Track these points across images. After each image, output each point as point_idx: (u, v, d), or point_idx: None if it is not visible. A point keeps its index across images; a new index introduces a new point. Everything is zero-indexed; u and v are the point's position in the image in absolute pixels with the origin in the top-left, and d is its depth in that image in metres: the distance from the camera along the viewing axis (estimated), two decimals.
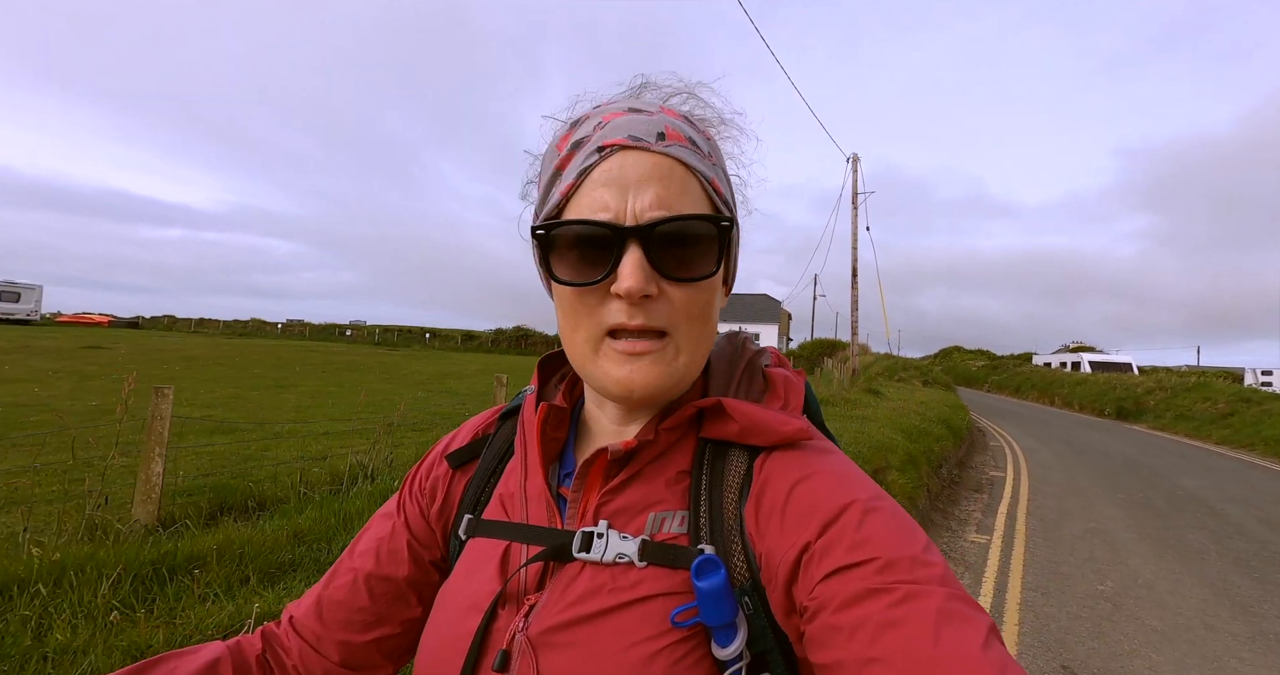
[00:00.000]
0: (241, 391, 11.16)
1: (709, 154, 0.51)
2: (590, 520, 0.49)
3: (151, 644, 1.62)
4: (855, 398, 11.46)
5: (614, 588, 0.45)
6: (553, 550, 0.48)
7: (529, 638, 0.45)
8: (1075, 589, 4.20)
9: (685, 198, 0.48)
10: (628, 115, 0.50)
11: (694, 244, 0.47)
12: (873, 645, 0.36)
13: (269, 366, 17.01)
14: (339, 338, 44.38)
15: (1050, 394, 24.83)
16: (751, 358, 0.57)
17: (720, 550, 0.46)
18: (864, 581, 0.38)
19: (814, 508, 0.43)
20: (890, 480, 5.46)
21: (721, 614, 0.42)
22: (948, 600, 0.37)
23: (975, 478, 8.13)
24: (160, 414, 3.16)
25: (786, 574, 0.42)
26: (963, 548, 5.05)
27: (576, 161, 0.49)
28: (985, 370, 36.29)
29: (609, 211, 0.46)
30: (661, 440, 0.51)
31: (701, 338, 0.50)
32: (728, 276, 0.55)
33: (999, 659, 0.34)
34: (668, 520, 0.48)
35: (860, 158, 19.65)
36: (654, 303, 0.47)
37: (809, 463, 0.47)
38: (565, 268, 0.48)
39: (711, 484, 0.49)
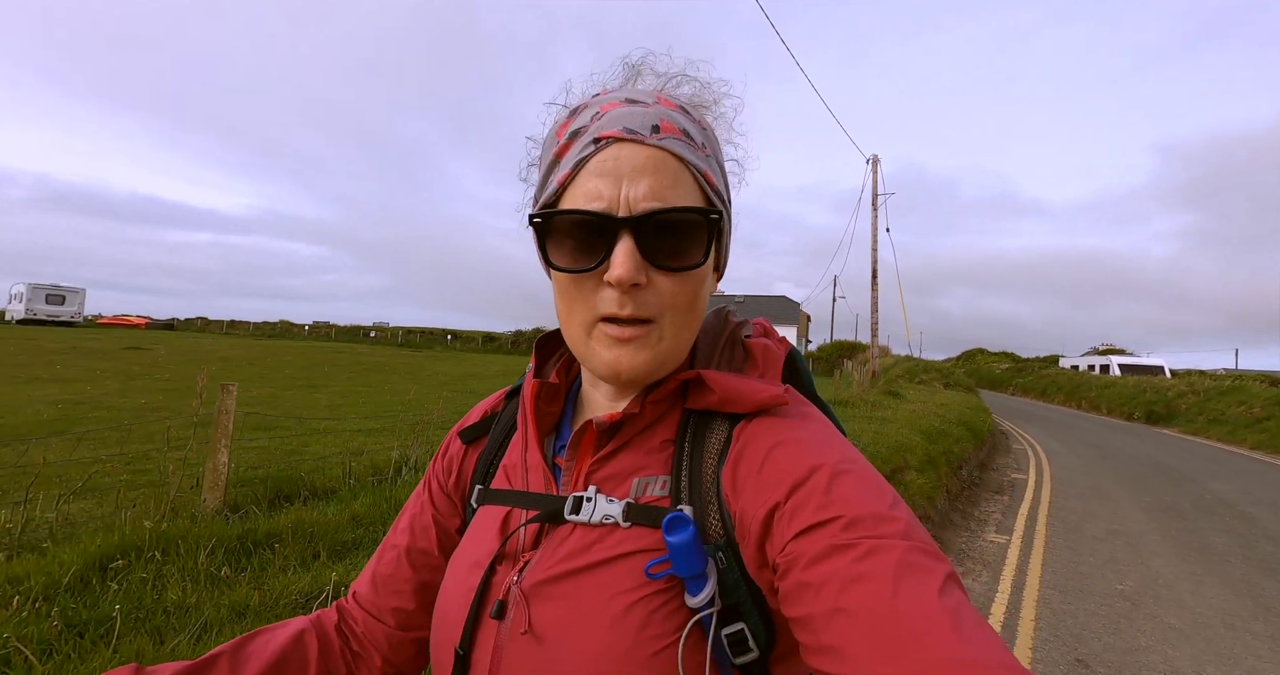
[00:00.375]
0: (277, 391, 11.61)
1: (703, 145, 0.53)
2: (582, 486, 0.53)
3: (249, 603, 1.87)
4: (875, 400, 11.47)
5: (600, 545, 0.49)
6: (546, 514, 0.52)
7: (522, 590, 0.50)
8: (1094, 588, 4.25)
9: (677, 190, 0.49)
10: (624, 106, 0.51)
11: (684, 235, 0.49)
12: (839, 598, 0.38)
13: (300, 367, 17.57)
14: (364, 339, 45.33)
15: (1077, 397, 24.32)
16: (733, 330, 0.60)
17: (697, 510, 0.49)
18: (831, 538, 0.40)
19: (786, 471, 0.46)
20: (908, 480, 5.55)
21: (691, 566, 0.45)
22: (908, 552, 0.39)
23: (996, 479, 8.12)
24: (226, 409, 3.44)
25: (758, 532, 0.45)
26: (981, 547, 5.12)
27: (574, 151, 0.51)
28: (1010, 373, 35.62)
29: (603, 201, 0.48)
30: (647, 412, 0.54)
31: (687, 323, 0.52)
32: (719, 264, 0.58)
33: (954, 604, 0.36)
34: (651, 484, 0.52)
35: (880, 158, 19.57)
36: (643, 291, 0.49)
37: (785, 428, 0.50)
38: (561, 254, 0.50)
39: (693, 450, 0.52)
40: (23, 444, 5.22)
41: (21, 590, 1.90)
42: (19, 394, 9.29)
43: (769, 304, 50.66)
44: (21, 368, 13.01)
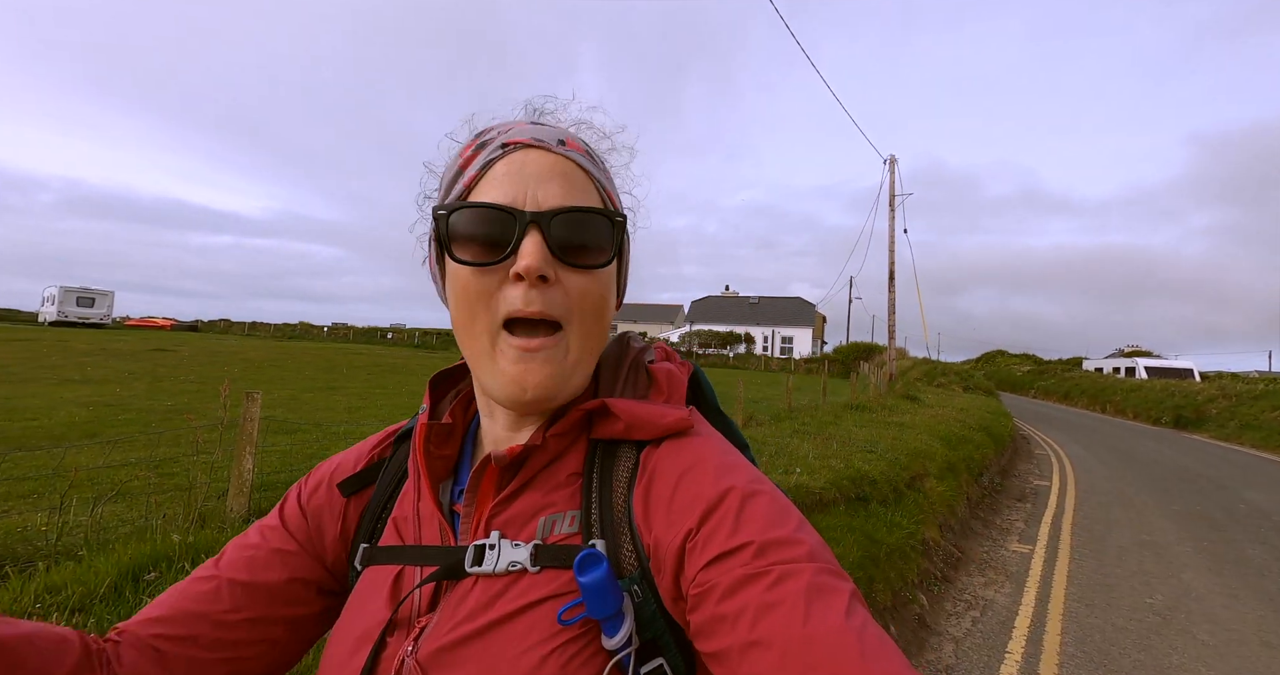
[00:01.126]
0: (297, 393, 11.81)
1: (603, 169, 0.54)
2: (483, 533, 0.49)
3: None
4: (892, 404, 11.32)
5: (505, 597, 0.45)
6: (445, 569, 0.48)
7: (418, 661, 0.45)
8: (1122, 601, 4.15)
9: (585, 196, 0.50)
10: (530, 125, 0.53)
11: (591, 236, 0.49)
12: (753, 629, 0.37)
13: (319, 369, 17.87)
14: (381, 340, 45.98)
15: (1101, 401, 23.79)
16: (635, 356, 0.59)
17: (610, 543, 0.47)
18: (744, 567, 0.40)
19: (697, 496, 0.44)
20: (928, 488, 5.47)
21: (605, 606, 0.43)
22: (816, 575, 0.39)
23: (1018, 486, 7.97)
24: (250, 416, 3.50)
25: (673, 562, 0.43)
26: (1004, 557, 5.03)
27: (480, 158, 0.50)
28: (1031, 375, 34.96)
29: (509, 200, 0.48)
30: (550, 446, 0.51)
31: (593, 334, 0.51)
32: (620, 286, 0.56)
33: (859, 625, 0.36)
34: (558, 522, 0.49)
35: (899, 158, 19.36)
36: (551, 289, 0.48)
37: (690, 451, 0.49)
38: (465, 252, 0.48)
39: (602, 481, 0.49)
40: (58, 448, 5.39)
41: (59, 600, 1.97)
42: (53, 395, 9.58)
43: (784, 305, 50.27)
44: (54, 369, 13.42)
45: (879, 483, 4.92)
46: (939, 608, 3.91)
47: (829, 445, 6.17)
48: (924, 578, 4.16)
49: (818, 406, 10.25)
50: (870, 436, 6.97)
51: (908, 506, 4.81)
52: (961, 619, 3.80)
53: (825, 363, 35.42)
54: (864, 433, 7.29)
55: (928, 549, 4.49)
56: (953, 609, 3.93)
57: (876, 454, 5.82)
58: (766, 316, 48.62)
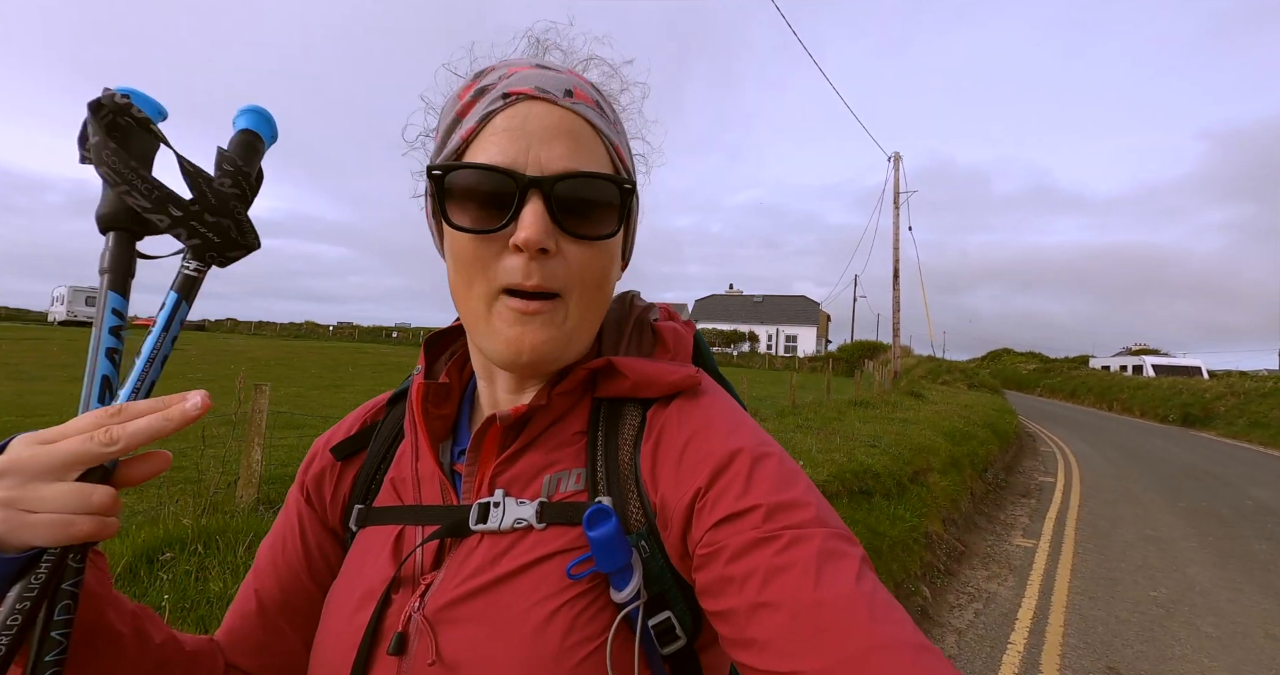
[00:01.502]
0: (303, 390, 11.90)
1: (614, 121, 0.51)
2: (486, 492, 0.48)
3: None
4: (896, 400, 11.31)
5: (512, 553, 0.45)
6: (448, 527, 0.47)
7: (425, 616, 0.44)
8: (1126, 594, 4.15)
9: (591, 157, 0.47)
10: (535, 69, 0.48)
11: (597, 204, 0.46)
12: (762, 591, 0.37)
13: (325, 367, 17.98)
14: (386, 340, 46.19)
15: (1108, 399, 23.65)
16: (640, 314, 0.57)
17: (616, 500, 0.46)
18: (753, 530, 0.40)
19: (706, 455, 0.44)
20: (931, 482, 5.47)
21: (615, 560, 0.43)
22: (826, 540, 0.39)
23: (1023, 483, 7.95)
24: (259, 408, 3.55)
25: (681, 520, 0.43)
26: (1007, 551, 5.03)
27: (479, 108, 0.47)
28: (1037, 374, 34.78)
29: (509, 159, 0.44)
30: (555, 405, 0.50)
31: (594, 303, 0.49)
32: (625, 250, 0.54)
33: (869, 589, 0.37)
34: (564, 479, 0.48)
35: (903, 155, 19.31)
36: (551, 260, 0.45)
37: (700, 410, 0.48)
38: (462, 215, 0.45)
39: (607, 439, 0.49)
40: None
41: None
42: (62, 393, 9.69)
43: (788, 304, 50.20)
44: (65, 368, 13.56)
45: (882, 476, 4.93)
46: (941, 600, 3.92)
47: (832, 440, 6.18)
48: (927, 570, 4.17)
49: (821, 403, 10.26)
50: (874, 432, 6.98)
51: (911, 500, 4.81)
52: (964, 611, 3.81)
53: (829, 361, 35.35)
54: (867, 428, 7.30)
55: (930, 542, 4.50)
56: (955, 601, 3.94)
57: (880, 449, 5.83)
58: (771, 315, 48.57)
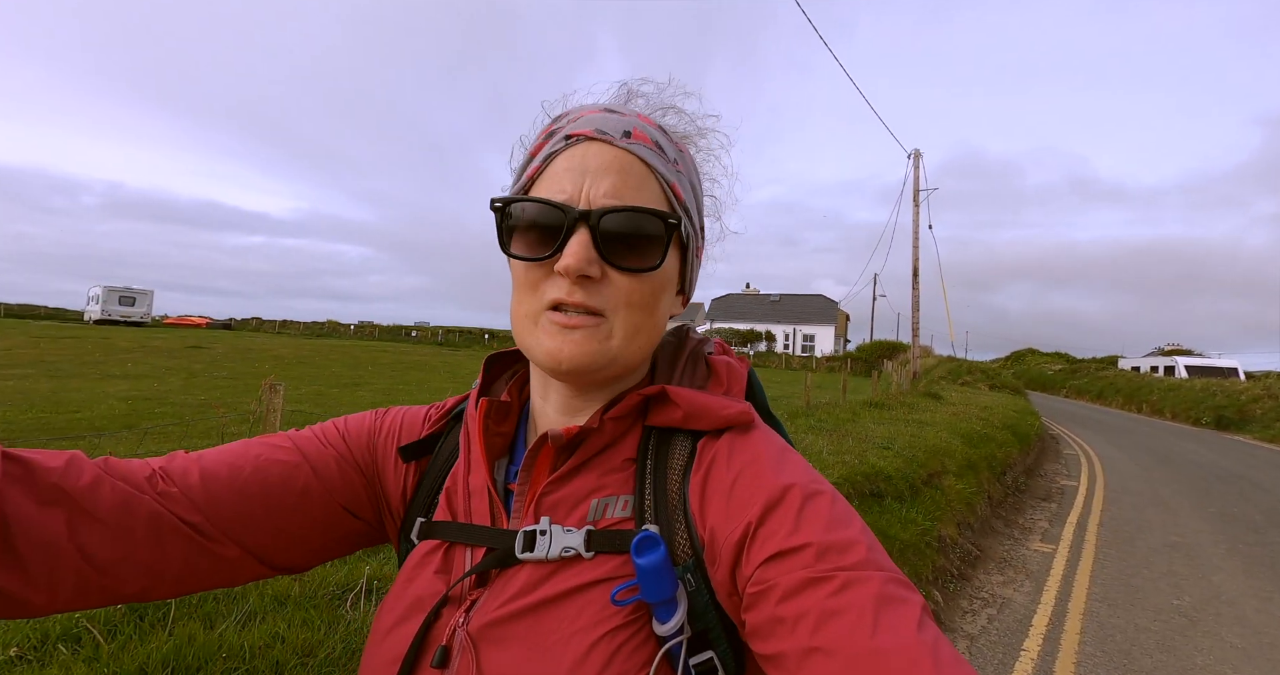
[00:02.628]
0: (324, 389, 12.14)
1: (674, 160, 0.53)
2: (533, 512, 0.49)
3: (290, 593, 1.99)
4: (913, 402, 11.12)
5: (557, 577, 0.45)
6: (495, 558, 0.48)
7: (469, 633, 0.45)
8: (1147, 602, 4.03)
9: (641, 193, 0.49)
10: (601, 113, 0.52)
11: (641, 236, 0.48)
12: (815, 636, 0.36)
13: (345, 365, 18.33)
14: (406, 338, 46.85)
15: (1137, 400, 22.95)
16: (694, 347, 0.59)
17: (664, 530, 0.46)
18: (805, 570, 0.39)
19: (757, 490, 0.44)
20: (946, 485, 5.37)
21: (661, 590, 0.42)
22: (884, 584, 0.38)
23: (1044, 486, 7.77)
24: (273, 407, 3.63)
25: (730, 555, 0.43)
26: (1025, 556, 4.92)
27: (546, 148, 0.51)
28: (1063, 374, 33.90)
29: (565, 195, 0.48)
30: (607, 429, 0.51)
31: (641, 327, 0.50)
32: (683, 285, 0.56)
33: (932, 640, 0.35)
34: (610, 506, 0.49)
35: (928, 148, 18.99)
36: (596, 285, 0.48)
37: (751, 445, 0.48)
38: (520, 244, 0.49)
39: (656, 468, 0.49)
40: (97, 437, 5.66)
41: None
42: (95, 389, 10.04)
43: (806, 303, 49.71)
44: (97, 365, 14.04)
45: (894, 479, 4.86)
46: (954, 605, 3.86)
47: (844, 442, 6.10)
48: (939, 575, 4.10)
49: (837, 404, 10.13)
50: (888, 434, 6.87)
51: (924, 503, 4.73)
52: (977, 616, 3.73)
53: (847, 361, 34.91)
54: (882, 430, 7.19)
55: (944, 546, 4.42)
56: (969, 607, 3.87)
57: (893, 451, 5.74)
58: (788, 314, 48.14)
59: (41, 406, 8.04)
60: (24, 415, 7.34)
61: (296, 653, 1.71)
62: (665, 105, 0.56)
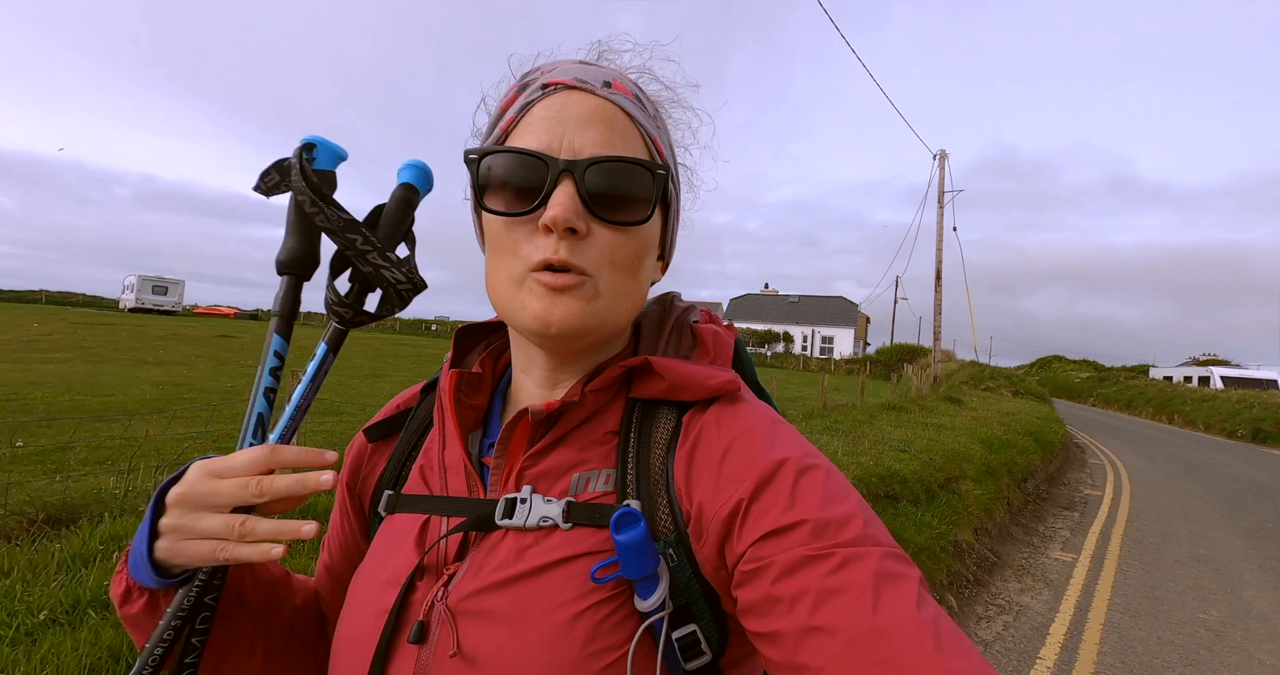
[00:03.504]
0: (344, 379, 12.38)
1: (654, 116, 0.51)
2: (513, 486, 0.48)
3: (309, 570, 2.05)
4: (932, 405, 10.94)
5: (536, 550, 0.44)
6: (474, 520, 0.47)
7: (448, 606, 0.44)
8: (1171, 615, 3.91)
9: (626, 145, 0.47)
10: (577, 64, 0.50)
11: (629, 188, 0.46)
12: (814, 614, 0.35)
13: (366, 357, 18.65)
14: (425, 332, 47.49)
15: (1169, 411, 22.23)
16: (679, 315, 0.56)
17: (645, 505, 0.45)
18: (801, 547, 0.38)
19: (748, 465, 0.43)
20: (964, 490, 5.28)
21: (642, 567, 0.41)
22: (882, 560, 0.37)
23: (1067, 495, 7.58)
24: None
25: (719, 531, 0.42)
26: (1044, 564, 4.81)
27: (520, 99, 0.48)
28: (1090, 383, 32.99)
29: (545, 146, 0.45)
30: (588, 402, 0.49)
31: (626, 289, 0.48)
32: (664, 249, 0.54)
33: (933, 616, 0.35)
34: (593, 480, 0.47)
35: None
36: (581, 242, 0.45)
37: (741, 417, 0.47)
38: (496, 199, 0.46)
39: (639, 441, 0.48)
40: (129, 419, 5.86)
41: (120, 545, 2.17)
42: (128, 375, 10.39)
43: (825, 304, 49.13)
44: (131, 351, 14.52)
45: (910, 482, 4.79)
46: (968, 610, 3.79)
47: (860, 443, 6.04)
48: (954, 580, 4.03)
49: (854, 406, 10.02)
50: (905, 436, 6.78)
51: (940, 507, 4.66)
52: (992, 623, 3.67)
53: (866, 364, 34.43)
54: (899, 433, 7.10)
55: (960, 551, 4.35)
56: (984, 613, 3.80)
57: (910, 454, 5.66)
58: (807, 315, 47.65)
59: (78, 389, 8.34)
60: (62, 397, 7.64)
61: None
62: (638, 67, 0.54)
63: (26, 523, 2.42)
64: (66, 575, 1.98)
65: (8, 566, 1.98)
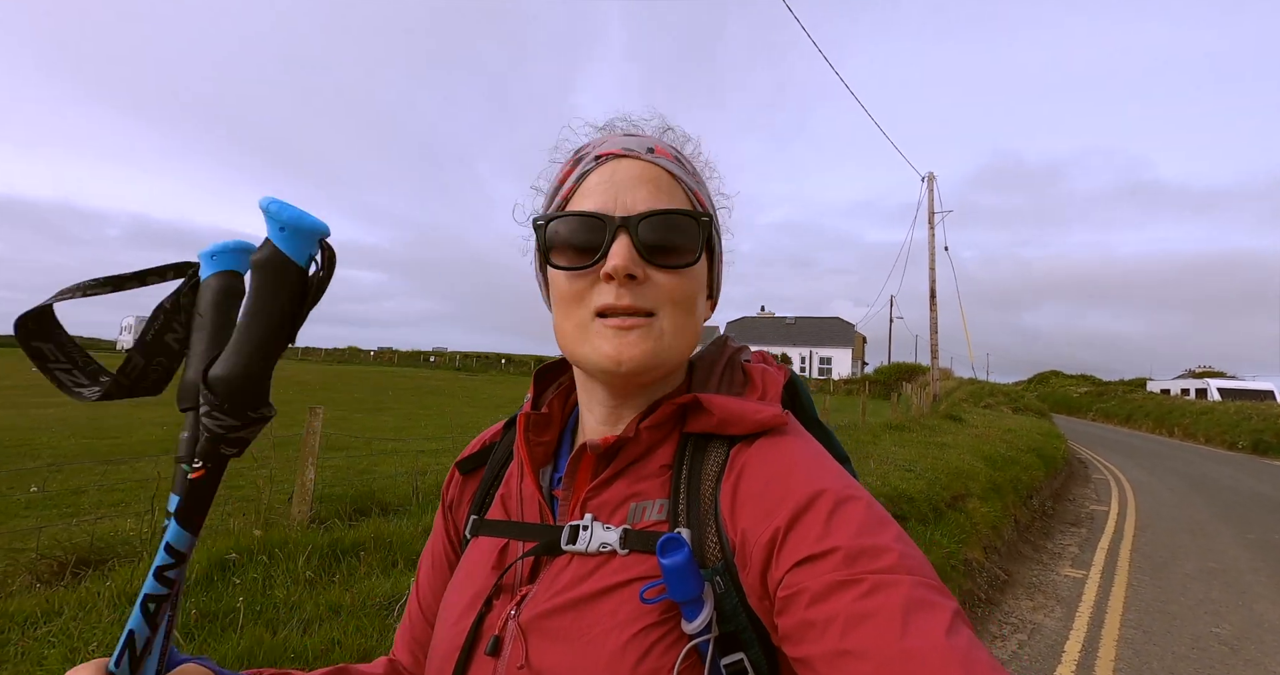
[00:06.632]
0: (347, 413, 12.36)
1: (693, 173, 0.58)
2: (578, 515, 0.52)
3: (343, 603, 2.11)
4: (934, 424, 10.99)
5: (597, 575, 0.48)
6: (544, 545, 0.51)
7: (520, 624, 0.48)
8: (1184, 629, 3.93)
9: (672, 199, 0.53)
10: (622, 136, 0.57)
11: (677, 236, 0.51)
12: (844, 638, 0.36)
13: (367, 391, 18.62)
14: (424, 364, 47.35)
15: (1168, 424, 22.26)
16: (731, 355, 0.61)
17: (695, 533, 0.48)
18: (834, 573, 0.39)
19: (786, 495, 0.45)
20: (970, 509, 5.32)
21: (686, 590, 0.43)
22: (914, 588, 0.37)
23: (1073, 511, 7.59)
24: (313, 430, 3.80)
25: (760, 558, 0.44)
26: (1055, 581, 4.82)
27: (576, 171, 0.55)
28: (1089, 397, 33.05)
29: (601, 207, 0.51)
30: (644, 438, 0.53)
31: (685, 326, 0.53)
32: (712, 289, 0.59)
33: (964, 644, 0.35)
34: (648, 509, 0.51)
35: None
36: (641, 286, 0.50)
37: (783, 451, 0.49)
38: (562, 258, 0.52)
39: (691, 473, 0.51)
40: (137, 461, 5.88)
41: None
42: (131, 416, 10.37)
43: (822, 325, 49.44)
44: None
45: (917, 501, 4.84)
46: (982, 630, 3.81)
47: (865, 464, 6.09)
48: (966, 599, 4.06)
49: (856, 426, 10.07)
50: (909, 456, 6.82)
51: (948, 526, 4.70)
52: (1007, 642, 3.68)
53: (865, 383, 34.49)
54: (903, 452, 7.14)
55: (970, 570, 4.38)
56: (997, 632, 3.82)
57: (915, 473, 5.71)
58: (804, 337, 47.88)
59: (83, 433, 8.33)
60: (68, 441, 7.63)
61: (353, 656, 1.81)
62: (662, 127, 0.61)
63: (58, 566, 2.47)
64: (113, 611, 2.06)
65: (58, 606, 2.04)
